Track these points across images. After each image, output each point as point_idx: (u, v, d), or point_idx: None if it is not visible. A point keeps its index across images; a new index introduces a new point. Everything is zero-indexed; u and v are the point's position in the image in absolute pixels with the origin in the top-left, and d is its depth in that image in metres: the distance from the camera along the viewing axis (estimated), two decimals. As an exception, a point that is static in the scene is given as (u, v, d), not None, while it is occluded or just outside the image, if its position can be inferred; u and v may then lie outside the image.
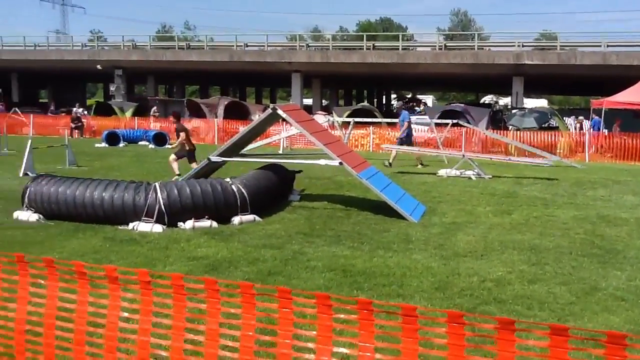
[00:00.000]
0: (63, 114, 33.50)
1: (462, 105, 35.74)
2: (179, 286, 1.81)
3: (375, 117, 28.77)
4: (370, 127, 24.10)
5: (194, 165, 12.07)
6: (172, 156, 12.43)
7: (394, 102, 71.42)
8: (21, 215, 8.27)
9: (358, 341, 1.61)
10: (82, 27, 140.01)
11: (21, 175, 12.77)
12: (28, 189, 8.33)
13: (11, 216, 8.35)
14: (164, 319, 1.87)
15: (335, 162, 9.16)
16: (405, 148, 16.16)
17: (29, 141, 13.63)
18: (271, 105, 10.43)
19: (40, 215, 8.20)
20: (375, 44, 37.88)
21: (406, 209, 8.80)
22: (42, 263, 2.02)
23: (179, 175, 11.81)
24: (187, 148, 12.30)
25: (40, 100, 55.79)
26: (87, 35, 73.21)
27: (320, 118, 24.29)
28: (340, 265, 6.14)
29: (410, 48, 39.21)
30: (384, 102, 67.07)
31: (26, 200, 8.30)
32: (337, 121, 22.91)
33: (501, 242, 7.29)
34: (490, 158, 14.45)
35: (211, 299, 1.77)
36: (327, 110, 36.53)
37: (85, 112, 34.33)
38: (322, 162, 9.79)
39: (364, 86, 61.20)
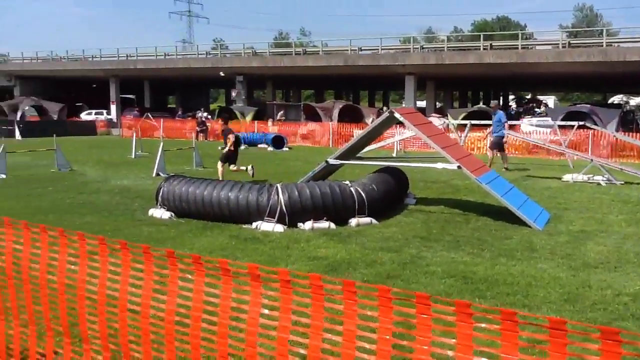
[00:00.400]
0: (189, 118, 35.62)
1: (588, 105, 33.59)
2: (317, 286, 1.87)
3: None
4: (488, 130, 23.28)
5: (233, 168, 12.43)
6: (219, 163, 12.56)
7: (512, 104, 68.51)
8: (155, 212, 8.91)
9: (500, 352, 1.57)
10: (206, 36, 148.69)
11: (154, 175, 13.76)
12: (161, 189, 8.96)
13: (147, 213, 9.02)
14: (302, 318, 1.94)
15: (454, 166, 8.97)
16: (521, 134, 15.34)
17: (161, 144, 14.66)
18: (385, 109, 10.42)
19: (172, 213, 8.78)
20: (493, 44, 36.57)
21: (529, 215, 8.41)
22: (189, 259, 2.18)
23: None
24: (230, 149, 12.46)
25: (169, 106, 59.78)
26: (211, 44, 77.50)
27: (435, 121, 23.85)
28: (460, 271, 6.00)
29: (530, 47, 37.38)
30: (501, 103, 64.58)
31: (160, 198, 8.93)
32: (453, 124, 22.41)
33: (637, 253, 6.75)
34: (620, 169, 13.34)
35: (348, 300, 1.81)
36: (442, 112, 35.85)
37: (209, 117, 36.29)
38: (439, 165, 9.62)
39: (480, 87, 59.31)
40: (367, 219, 8.44)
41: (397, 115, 9.43)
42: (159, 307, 2.29)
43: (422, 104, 44.84)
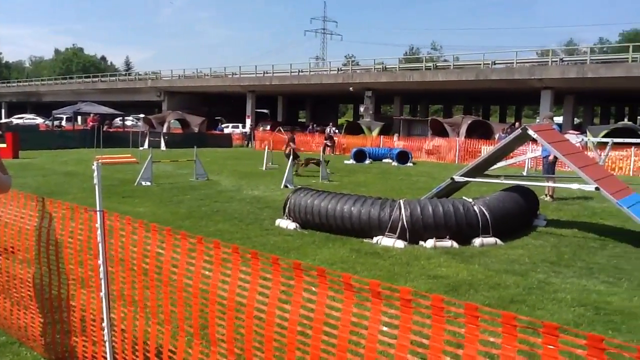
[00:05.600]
0: (318, 133, 36.61)
1: None
2: (438, 307, 1.85)
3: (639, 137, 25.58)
4: (632, 149, 21.55)
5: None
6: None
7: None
8: (282, 223, 9.25)
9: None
10: (338, 53, 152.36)
11: (282, 187, 14.30)
12: (288, 200, 9.29)
13: (274, 223, 9.39)
14: (422, 338, 1.93)
15: (591, 187, 8.40)
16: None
17: (290, 157, 15.20)
18: (517, 125, 10.00)
19: (297, 224, 9.06)
20: (644, 55, 33.68)
21: (679, 244, 7.64)
22: (315, 271, 2.25)
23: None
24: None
25: (299, 120, 61.90)
26: (342, 60, 79.17)
27: (572, 138, 22.46)
28: (593, 300, 5.60)
29: (688, 58, 33.91)
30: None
31: (286, 210, 9.26)
32: (592, 142, 20.95)
33: None
34: None
35: (470, 325, 1.78)
36: (579, 129, 33.61)
37: (337, 131, 37.02)
38: (575, 186, 9.11)
39: (625, 102, 54.90)
40: (491, 239, 8.15)
41: (530, 132, 9.03)
42: (283, 316, 2.39)
43: (558, 119, 42.36)
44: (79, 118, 43.68)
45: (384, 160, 25.21)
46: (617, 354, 1.55)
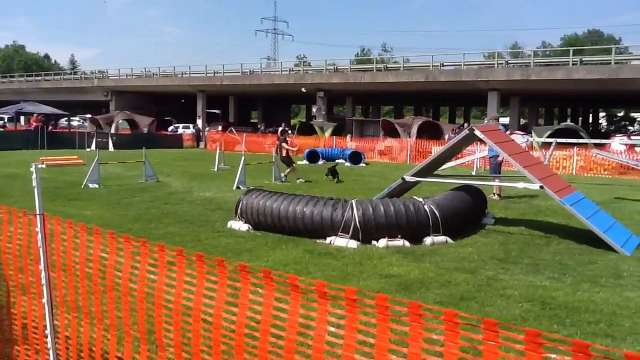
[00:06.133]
0: (270, 133, 36.47)
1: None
2: (383, 307, 1.87)
3: (581, 137, 26.57)
4: (575, 149, 22.36)
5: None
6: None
7: (601, 121, 65.22)
8: (234, 224, 9.17)
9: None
10: (289, 53, 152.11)
11: (234, 188, 14.16)
12: (240, 202, 9.21)
13: (226, 225, 9.29)
14: (369, 338, 1.94)
15: (536, 186, 8.66)
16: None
17: (242, 158, 15.09)
18: (466, 125, 10.23)
19: (250, 226, 9.00)
20: (583, 59, 34.96)
21: (616, 240, 7.97)
22: (261, 273, 2.24)
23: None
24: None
25: (252, 120, 61.47)
26: (294, 60, 79.07)
27: (518, 138, 23.14)
28: (539, 296, 5.78)
29: (625, 62, 35.40)
30: (590, 120, 61.76)
31: (238, 211, 9.18)
32: (537, 142, 21.65)
33: None
34: None
35: (414, 323, 1.80)
36: (525, 129, 34.64)
37: (290, 132, 36.92)
38: (521, 185, 9.37)
39: (567, 104, 56.93)
40: (442, 238, 8.30)
41: (477, 132, 9.24)
42: (230, 318, 2.36)
43: (505, 120, 43.52)
44: (22, 118, 42.11)
45: (337, 161, 25.32)
46: (554, 348, 1.60)
